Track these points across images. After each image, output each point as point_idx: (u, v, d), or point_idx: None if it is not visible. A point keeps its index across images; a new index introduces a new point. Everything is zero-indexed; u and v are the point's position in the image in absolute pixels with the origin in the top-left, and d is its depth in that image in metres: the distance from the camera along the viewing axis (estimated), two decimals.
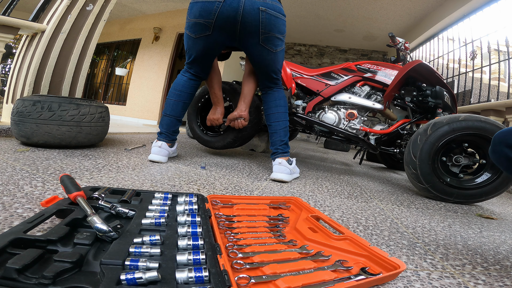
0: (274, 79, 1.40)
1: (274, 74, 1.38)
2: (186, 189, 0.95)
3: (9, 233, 0.41)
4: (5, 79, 5.38)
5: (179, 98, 1.37)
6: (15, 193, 0.68)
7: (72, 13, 1.84)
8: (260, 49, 1.27)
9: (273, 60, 1.32)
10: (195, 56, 1.31)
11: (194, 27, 1.22)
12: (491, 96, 2.86)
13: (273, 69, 1.36)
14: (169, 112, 1.37)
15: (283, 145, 1.37)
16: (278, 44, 1.29)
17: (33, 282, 0.34)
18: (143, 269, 0.39)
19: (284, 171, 1.30)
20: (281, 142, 1.37)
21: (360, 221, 0.88)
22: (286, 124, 1.40)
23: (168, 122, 1.38)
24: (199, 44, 1.27)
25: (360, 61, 1.88)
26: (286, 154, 1.37)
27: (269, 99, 1.42)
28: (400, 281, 0.52)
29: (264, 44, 1.25)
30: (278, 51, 1.31)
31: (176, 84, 1.38)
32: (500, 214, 1.29)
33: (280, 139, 1.37)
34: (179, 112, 1.38)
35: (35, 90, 1.77)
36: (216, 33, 1.21)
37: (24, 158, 1.05)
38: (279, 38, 1.27)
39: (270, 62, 1.33)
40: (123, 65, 5.70)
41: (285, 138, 1.39)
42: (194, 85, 1.40)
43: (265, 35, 1.22)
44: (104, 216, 0.54)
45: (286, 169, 1.31)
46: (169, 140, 1.38)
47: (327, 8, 4.58)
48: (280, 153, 1.35)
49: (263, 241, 0.58)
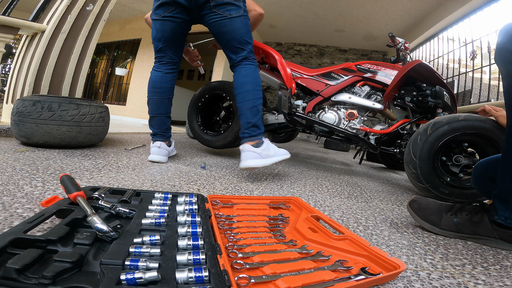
0: (238, 50, 1.26)
1: (236, 43, 1.25)
2: (186, 189, 0.95)
3: (9, 233, 0.41)
4: (5, 79, 5.38)
5: (161, 95, 1.34)
6: (15, 193, 0.68)
7: (72, 13, 1.84)
8: (215, 17, 1.21)
9: (231, 27, 1.22)
10: (166, 38, 1.30)
11: (159, 8, 1.25)
12: (491, 96, 2.86)
13: (234, 37, 1.24)
14: (156, 112, 1.35)
15: (251, 128, 1.21)
16: (231, 9, 1.20)
17: (33, 282, 0.34)
18: (143, 269, 0.39)
19: (251, 156, 1.16)
20: (248, 124, 1.21)
21: (360, 221, 0.88)
22: (255, 104, 1.23)
23: (158, 122, 1.37)
24: (166, 25, 1.27)
25: (360, 61, 1.88)
26: (254, 137, 1.21)
27: (236, 77, 1.28)
28: (400, 281, 0.52)
29: (216, 10, 1.20)
30: (235, 18, 1.21)
31: (153, 82, 1.35)
32: None
33: (247, 121, 1.21)
34: (165, 108, 1.36)
35: (35, 90, 1.77)
36: (178, 8, 1.23)
37: (24, 158, 1.05)
38: (231, 3, 1.20)
39: (228, 30, 1.22)
40: (123, 65, 5.70)
41: (253, 119, 1.21)
42: (171, 78, 1.36)
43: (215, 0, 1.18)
44: (104, 216, 0.54)
45: (253, 154, 1.16)
46: (165, 139, 1.38)
47: (327, 8, 4.57)
48: (247, 137, 1.21)
49: (263, 241, 0.58)
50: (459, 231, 0.82)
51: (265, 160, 1.17)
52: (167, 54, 1.34)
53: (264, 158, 1.17)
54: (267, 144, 1.23)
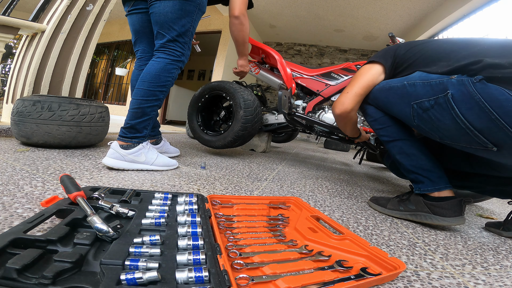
0: (158, 35, 1.14)
1: (158, 27, 1.13)
2: (186, 189, 0.95)
3: (9, 233, 0.41)
4: (5, 79, 5.38)
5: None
6: (15, 193, 0.68)
7: (72, 13, 1.84)
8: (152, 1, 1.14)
9: (159, 10, 1.11)
10: (136, 31, 1.31)
11: (124, 4, 1.29)
12: None
13: (158, 20, 1.12)
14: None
15: (127, 129, 1.12)
16: None
17: (33, 282, 0.34)
18: (143, 269, 0.39)
19: (111, 154, 1.08)
20: (126, 124, 1.13)
21: (360, 221, 0.88)
22: (142, 106, 1.11)
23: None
24: (133, 18, 1.29)
25: (360, 61, 1.88)
26: (126, 139, 1.11)
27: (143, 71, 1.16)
28: (400, 281, 0.52)
29: None
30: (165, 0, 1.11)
31: (131, 81, 1.36)
32: (500, 214, 1.29)
33: (126, 120, 1.13)
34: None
35: (35, 90, 1.77)
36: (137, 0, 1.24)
37: (24, 158, 1.05)
38: None
39: (156, 12, 1.12)
40: (123, 65, 5.70)
41: (132, 121, 1.11)
42: None
43: None
44: (104, 216, 0.54)
45: (114, 153, 1.08)
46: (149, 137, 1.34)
47: (327, 8, 4.58)
48: (120, 136, 1.13)
49: (263, 241, 0.58)
50: (400, 210, 0.97)
51: (126, 164, 1.10)
52: (140, 48, 1.32)
53: (127, 162, 1.10)
54: (142, 151, 1.13)
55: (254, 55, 2.24)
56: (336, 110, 1.02)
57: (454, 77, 0.74)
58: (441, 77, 0.77)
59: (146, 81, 1.12)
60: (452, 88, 0.73)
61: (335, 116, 1.06)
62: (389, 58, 0.97)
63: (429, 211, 0.88)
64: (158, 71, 1.13)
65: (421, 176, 0.91)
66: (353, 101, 0.98)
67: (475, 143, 0.75)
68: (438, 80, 0.77)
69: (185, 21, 1.14)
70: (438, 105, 0.76)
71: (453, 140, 0.80)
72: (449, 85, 0.74)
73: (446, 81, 0.75)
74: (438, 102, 0.76)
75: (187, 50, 1.21)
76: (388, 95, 0.91)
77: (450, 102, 0.73)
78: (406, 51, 0.95)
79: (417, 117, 0.83)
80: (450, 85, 0.74)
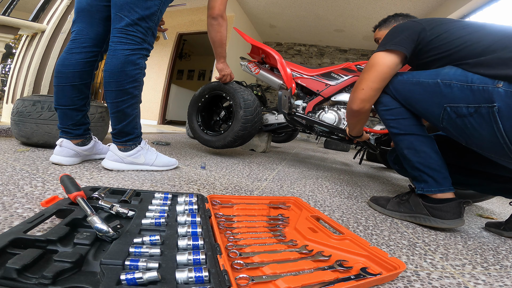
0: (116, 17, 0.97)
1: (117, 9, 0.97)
2: (186, 189, 0.95)
3: (9, 233, 0.41)
4: (5, 79, 5.38)
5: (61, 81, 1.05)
6: (15, 193, 0.68)
7: (72, 13, 1.84)
8: None
9: None
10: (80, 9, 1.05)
11: None
12: None
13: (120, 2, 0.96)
14: (56, 103, 1.07)
15: (118, 134, 1.07)
16: None
17: (33, 282, 0.34)
18: (143, 269, 0.39)
19: (110, 157, 1.07)
20: (114, 130, 1.07)
21: (360, 221, 0.88)
22: (120, 107, 1.02)
23: (60, 115, 1.07)
24: None
25: (360, 61, 1.88)
26: (120, 143, 1.08)
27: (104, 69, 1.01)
28: (400, 281, 0.52)
29: None
30: None
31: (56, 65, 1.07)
32: (500, 214, 1.29)
33: (113, 126, 1.07)
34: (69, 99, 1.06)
35: (35, 90, 1.77)
36: None
37: (24, 158, 1.05)
38: None
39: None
40: None
41: (117, 125, 1.05)
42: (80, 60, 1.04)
43: None
44: (104, 216, 0.54)
45: (113, 156, 1.07)
46: (72, 137, 1.08)
47: (327, 8, 4.58)
48: (114, 141, 1.09)
49: (263, 241, 0.58)
50: (400, 211, 0.96)
51: (126, 166, 1.09)
52: (78, 28, 1.05)
53: (126, 164, 1.08)
54: (141, 152, 1.11)
55: (254, 55, 2.24)
56: (354, 106, 0.95)
57: (501, 85, 0.65)
58: (483, 81, 0.68)
59: (112, 81, 0.99)
60: (499, 100, 0.65)
61: (352, 112, 0.99)
62: (410, 43, 0.86)
63: (428, 214, 0.87)
64: (120, 66, 0.98)
65: (426, 175, 0.87)
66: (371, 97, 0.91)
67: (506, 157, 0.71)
68: (481, 86, 0.68)
69: (152, 3, 0.99)
70: (478, 114, 0.69)
71: (482, 149, 0.75)
72: (495, 95, 0.66)
73: (492, 89, 0.66)
74: (480, 112, 0.68)
75: (150, 36, 1.05)
76: (413, 89, 0.84)
77: (494, 115, 0.66)
78: (434, 37, 0.84)
79: (447, 121, 0.77)
80: (496, 95, 0.66)
